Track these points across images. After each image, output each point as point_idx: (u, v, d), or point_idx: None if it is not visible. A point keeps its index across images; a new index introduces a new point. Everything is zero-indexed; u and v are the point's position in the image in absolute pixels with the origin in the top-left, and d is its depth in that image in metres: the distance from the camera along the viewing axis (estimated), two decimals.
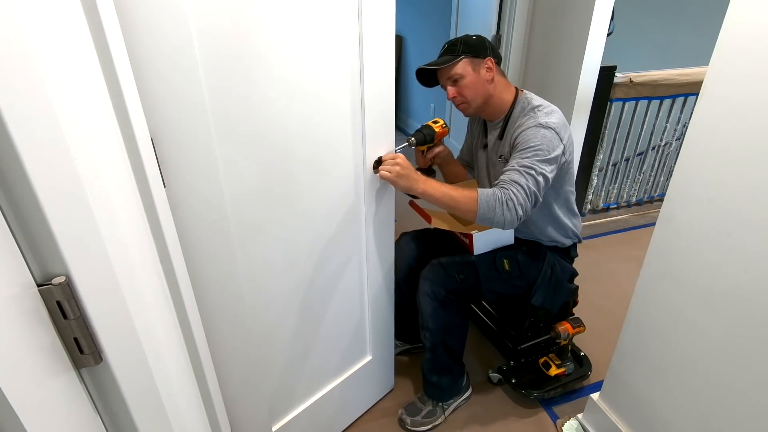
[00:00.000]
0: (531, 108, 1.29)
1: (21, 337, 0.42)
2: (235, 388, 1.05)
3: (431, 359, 1.47)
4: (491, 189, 1.18)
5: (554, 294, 1.45)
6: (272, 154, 0.92)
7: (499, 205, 1.15)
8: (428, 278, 1.39)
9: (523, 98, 1.34)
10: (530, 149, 1.19)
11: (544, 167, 1.18)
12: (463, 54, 1.29)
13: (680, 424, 1.13)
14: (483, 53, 1.30)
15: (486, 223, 1.19)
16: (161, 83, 0.69)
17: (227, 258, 0.91)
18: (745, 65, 0.84)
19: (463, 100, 1.34)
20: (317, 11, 0.88)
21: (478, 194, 1.16)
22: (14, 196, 0.41)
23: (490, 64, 1.31)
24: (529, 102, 1.32)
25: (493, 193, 1.16)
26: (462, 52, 1.29)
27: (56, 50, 0.44)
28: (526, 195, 1.16)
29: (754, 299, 0.89)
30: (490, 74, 1.31)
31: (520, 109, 1.32)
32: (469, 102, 1.34)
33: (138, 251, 0.60)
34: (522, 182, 1.16)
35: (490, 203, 1.15)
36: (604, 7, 1.97)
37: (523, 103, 1.33)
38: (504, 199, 1.15)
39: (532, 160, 1.18)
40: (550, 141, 1.20)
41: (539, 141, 1.19)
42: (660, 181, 2.90)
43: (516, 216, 1.15)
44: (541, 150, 1.19)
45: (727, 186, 0.91)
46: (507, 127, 1.34)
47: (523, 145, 1.21)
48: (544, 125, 1.22)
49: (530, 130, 1.22)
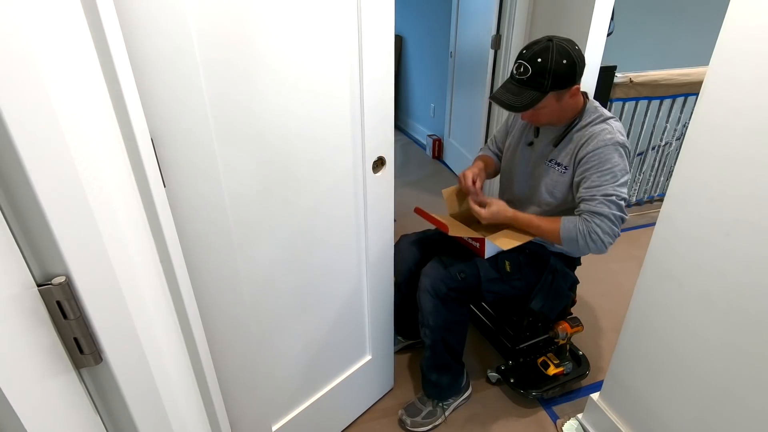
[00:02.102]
0: (603, 119, 1.24)
1: (21, 337, 0.42)
2: (235, 388, 1.05)
3: (431, 357, 1.47)
4: (574, 220, 1.21)
5: (553, 300, 1.44)
6: (272, 153, 0.92)
7: (582, 238, 1.19)
8: (429, 275, 1.39)
9: (591, 106, 1.28)
10: (609, 173, 1.18)
11: (622, 190, 1.19)
12: (552, 90, 1.17)
13: (679, 423, 1.13)
14: (573, 83, 1.19)
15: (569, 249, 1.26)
16: (161, 83, 0.69)
17: (227, 258, 0.91)
18: (745, 66, 0.84)
19: (536, 122, 1.32)
20: (317, 11, 0.88)
21: (560, 228, 1.21)
22: (14, 196, 0.41)
23: (575, 91, 1.21)
24: (599, 112, 1.26)
25: (575, 226, 1.20)
26: (551, 87, 1.16)
27: (56, 50, 0.44)
28: (611, 223, 1.18)
29: (754, 300, 0.89)
30: (572, 101, 1.24)
31: (589, 119, 1.26)
32: (542, 123, 1.32)
33: (138, 251, 0.60)
34: (605, 212, 1.17)
35: (571, 236, 1.21)
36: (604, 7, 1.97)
37: (591, 112, 1.27)
38: (586, 231, 1.18)
39: (613, 186, 1.18)
40: (625, 162, 1.20)
41: (617, 162, 1.18)
42: (660, 181, 2.90)
43: (604, 245, 1.19)
44: (620, 172, 1.19)
45: (727, 186, 0.91)
46: (568, 134, 1.28)
47: (601, 166, 1.19)
48: (621, 144, 1.20)
49: (608, 149, 1.19)
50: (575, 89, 1.21)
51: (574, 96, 1.23)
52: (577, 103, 1.28)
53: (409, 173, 3.49)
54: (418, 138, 4.12)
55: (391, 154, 1.19)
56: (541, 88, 1.17)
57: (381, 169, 1.17)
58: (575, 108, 1.28)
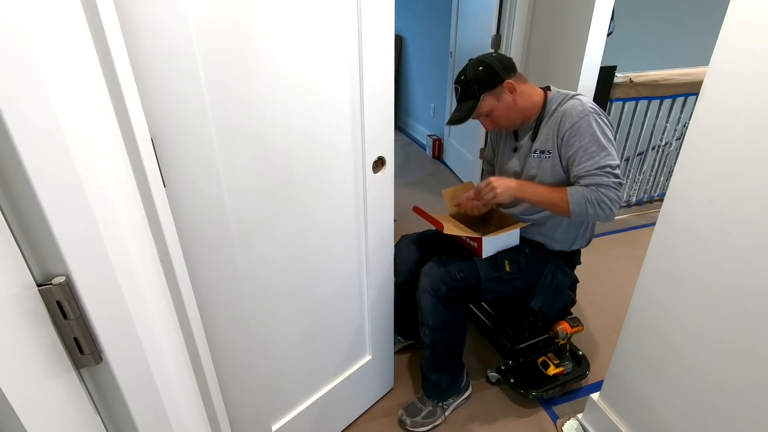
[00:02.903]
0: (569, 96, 1.30)
1: (21, 337, 0.42)
2: (235, 388, 1.05)
3: (430, 356, 1.47)
4: (580, 190, 1.23)
5: (553, 299, 1.45)
6: (272, 153, 0.92)
7: (591, 206, 1.22)
8: (429, 275, 1.39)
9: (553, 94, 1.35)
10: (594, 144, 1.22)
11: (613, 157, 1.22)
12: (481, 93, 1.30)
13: (679, 423, 1.13)
14: (497, 80, 1.29)
15: (579, 218, 1.26)
16: (161, 83, 0.69)
17: (227, 257, 0.91)
18: (745, 65, 0.84)
19: (500, 127, 1.39)
20: (316, 11, 0.88)
21: (568, 197, 1.23)
22: (14, 196, 0.41)
23: (509, 85, 1.30)
24: (562, 94, 1.33)
25: (582, 195, 1.22)
26: (480, 91, 1.30)
27: (56, 50, 0.44)
28: (615, 190, 1.21)
29: (754, 299, 0.89)
30: (513, 95, 1.31)
31: (556, 103, 1.32)
32: (507, 126, 1.38)
33: (138, 251, 0.60)
34: (606, 182, 1.21)
35: (581, 205, 1.23)
36: (604, 7, 1.97)
37: (555, 97, 1.33)
38: (595, 200, 1.21)
39: (603, 157, 1.21)
40: (604, 128, 1.24)
41: (595, 131, 1.22)
42: (660, 181, 2.90)
43: (612, 212, 1.22)
44: (604, 139, 1.22)
45: (727, 186, 0.91)
46: (542, 124, 1.34)
47: (584, 140, 1.23)
48: (595, 111, 1.24)
49: (584, 120, 1.23)
50: (508, 84, 1.29)
51: (513, 91, 1.30)
52: (532, 95, 1.34)
53: (409, 173, 3.49)
54: (418, 138, 4.12)
55: (391, 154, 1.19)
56: (472, 95, 1.31)
57: (381, 169, 1.17)
58: (531, 100, 1.34)
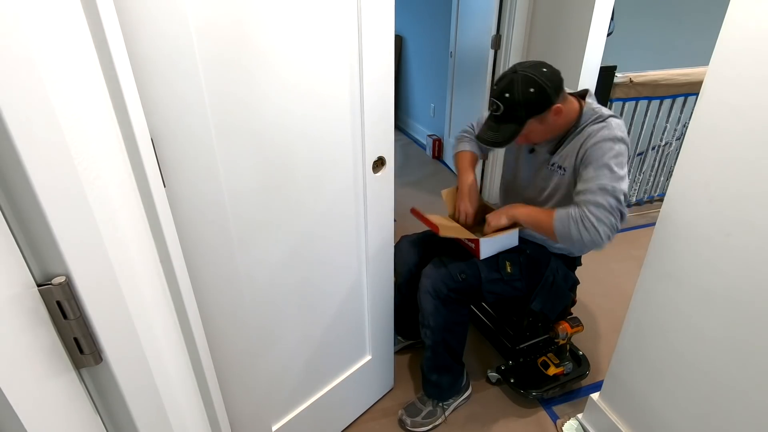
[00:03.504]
0: (603, 117, 1.24)
1: (21, 337, 0.42)
2: (235, 388, 1.05)
3: (431, 357, 1.47)
4: (567, 209, 1.19)
5: (554, 301, 1.44)
6: (272, 153, 0.92)
7: (574, 224, 1.15)
8: (430, 276, 1.39)
9: (588, 110, 1.27)
10: (605, 166, 1.16)
11: (621, 183, 1.15)
12: (529, 117, 1.19)
13: (680, 423, 1.13)
14: (548, 105, 1.19)
15: (566, 243, 1.21)
16: (161, 83, 0.69)
17: (227, 257, 0.91)
18: (745, 66, 0.84)
19: (530, 141, 1.33)
20: (316, 11, 0.88)
21: (554, 216, 1.19)
22: (14, 196, 0.41)
23: (558, 109, 1.20)
24: (596, 112, 1.26)
25: (567, 213, 1.18)
26: (527, 116, 1.19)
27: (56, 50, 0.44)
28: (607, 212, 1.13)
29: (754, 299, 0.89)
30: (558, 116, 1.23)
31: (587, 121, 1.26)
32: (540, 141, 1.33)
33: (138, 251, 0.60)
34: (599, 201, 1.14)
35: (563, 221, 1.17)
36: (604, 7, 1.97)
37: (588, 114, 1.26)
38: (578, 217, 1.15)
39: (609, 178, 1.15)
40: (623, 157, 1.18)
41: (613, 155, 1.16)
42: (660, 181, 2.90)
43: (599, 234, 1.13)
44: (616, 165, 1.16)
45: (727, 186, 0.91)
46: (568, 138, 1.28)
47: (597, 161, 1.17)
48: (620, 139, 1.18)
49: (605, 143, 1.18)
50: (556, 108, 1.20)
51: (557, 113, 1.22)
52: (570, 111, 1.26)
53: (409, 173, 3.49)
54: (418, 138, 4.12)
55: (391, 154, 1.19)
56: (518, 120, 1.20)
57: (381, 169, 1.17)
58: (568, 117, 1.27)
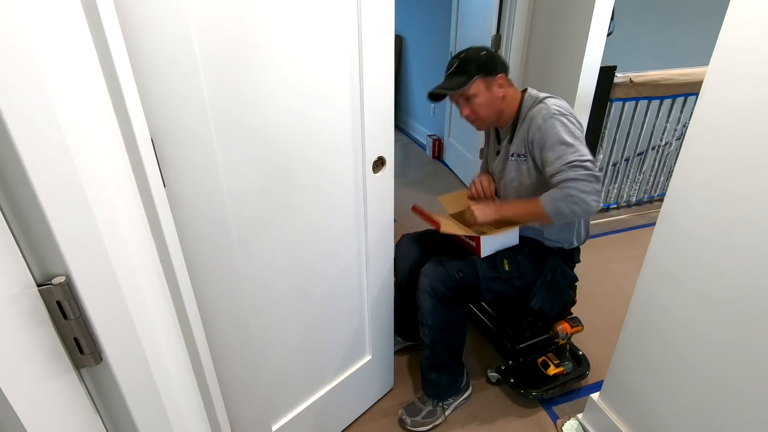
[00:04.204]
0: (539, 100, 1.31)
1: (21, 337, 0.41)
2: (235, 388, 1.05)
3: (430, 356, 1.47)
4: (550, 192, 1.23)
5: (553, 298, 1.45)
6: (272, 153, 0.92)
7: (564, 204, 1.19)
8: (428, 275, 1.39)
9: (528, 96, 1.36)
10: (559, 143, 1.22)
11: (582, 152, 1.21)
12: (477, 74, 1.30)
13: (680, 423, 1.13)
14: (494, 70, 1.31)
15: (562, 220, 1.25)
16: (161, 82, 0.69)
17: (227, 258, 0.91)
18: (745, 65, 0.84)
19: (476, 118, 1.37)
20: (316, 11, 0.88)
21: (542, 203, 1.23)
22: (14, 196, 0.41)
23: (501, 80, 1.32)
24: (534, 97, 1.34)
25: (550, 196, 1.22)
26: (475, 72, 1.30)
27: (56, 50, 0.44)
28: (585, 181, 1.18)
29: (754, 299, 0.89)
30: (501, 90, 1.33)
31: (527, 107, 1.34)
32: (483, 119, 1.37)
33: (138, 251, 0.60)
34: (573, 175, 1.19)
35: (552, 206, 1.21)
36: (604, 7, 1.97)
37: (528, 100, 1.35)
38: (563, 197, 1.19)
39: (570, 153, 1.21)
40: (569, 126, 1.24)
41: (560, 130, 1.23)
42: (660, 181, 2.90)
43: (588, 203, 1.18)
44: (569, 137, 1.22)
45: (727, 186, 0.91)
46: (517, 127, 1.36)
47: (549, 141, 1.23)
48: (558, 113, 1.25)
49: (547, 124, 1.24)
50: (500, 78, 1.32)
51: (501, 86, 1.33)
52: (513, 97, 1.36)
53: (409, 173, 3.49)
54: (418, 138, 4.12)
55: (391, 154, 1.19)
56: (468, 73, 1.31)
57: (381, 169, 1.17)
58: (510, 105, 1.36)
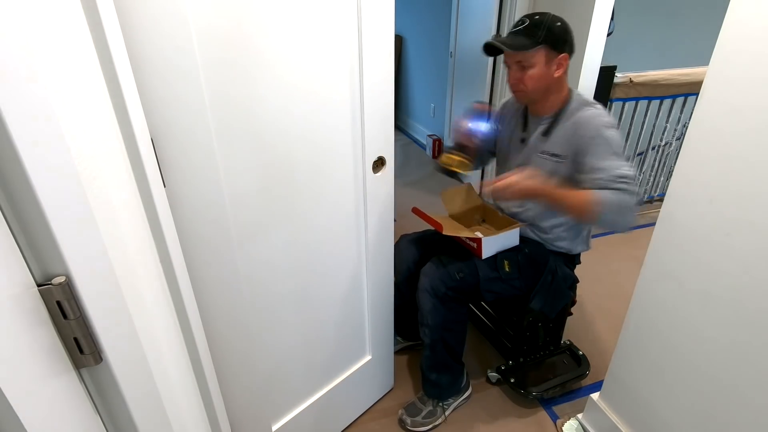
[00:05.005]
0: (591, 104, 1.28)
1: (21, 337, 0.42)
2: (235, 388, 1.05)
3: (430, 356, 1.47)
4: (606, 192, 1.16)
5: (553, 299, 1.45)
6: (272, 154, 0.92)
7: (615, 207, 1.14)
8: (428, 275, 1.39)
9: (576, 95, 1.32)
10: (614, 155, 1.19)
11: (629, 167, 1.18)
12: (544, 43, 1.21)
13: (680, 423, 1.13)
14: (561, 47, 1.23)
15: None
16: (161, 83, 0.69)
17: (227, 258, 0.92)
18: (745, 66, 0.84)
19: (523, 89, 1.28)
20: (316, 12, 0.88)
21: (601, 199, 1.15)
22: (14, 196, 0.41)
23: (564, 60, 1.25)
24: (585, 99, 1.29)
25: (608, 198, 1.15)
26: (543, 40, 1.21)
27: (56, 50, 0.44)
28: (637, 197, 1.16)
29: (754, 299, 0.89)
30: (559, 71, 1.26)
31: (577, 106, 1.29)
32: (529, 93, 1.29)
33: (138, 251, 0.60)
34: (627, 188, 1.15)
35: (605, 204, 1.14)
36: (604, 7, 1.97)
37: (577, 99, 1.30)
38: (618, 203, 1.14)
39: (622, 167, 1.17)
40: (619, 143, 1.21)
41: (617, 143, 1.20)
42: (660, 181, 2.90)
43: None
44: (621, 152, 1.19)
45: (727, 186, 0.91)
46: (556, 124, 1.31)
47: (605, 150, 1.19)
48: (613, 125, 1.22)
49: (610, 131, 1.21)
50: (563, 58, 1.24)
51: (560, 68, 1.25)
52: (564, 86, 1.31)
53: (409, 173, 3.49)
54: (418, 138, 4.12)
55: (391, 154, 1.19)
56: (534, 38, 1.22)
57: (381, 169, 1.17)
58: (560, 92, 1.31)
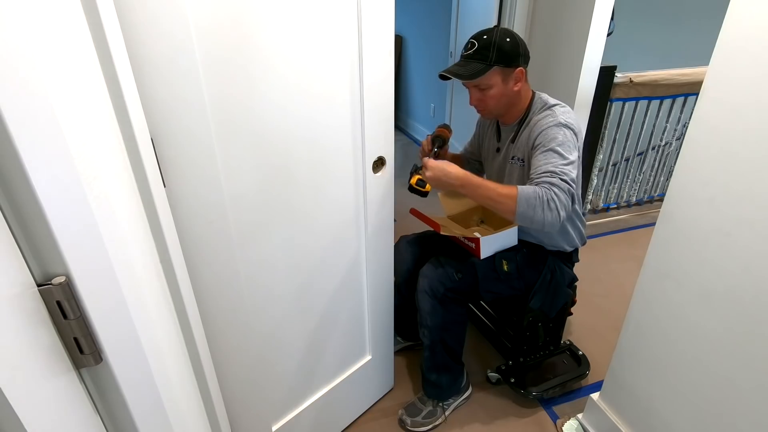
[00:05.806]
0: (548, 106, 1.29)
1: (21, 337, 0.42)
2: (235, 388, 1.05)
3: (430, 357, 1.47)
4: (532, 187, 1.15)
5: (552, 298, 1.45)
6: (272, 153, 0.92)
7: (540, 205, 1.12)
8: (427, 276, 1.39)
9: (538, 99, 1.33)
10: (554, 152, 1.17)
11: (570, 169, 1.16)
12: (496, 63, 1.22)
13: (680, 423, 1.13)
14: (515, 62, 1.23)
15: (525, 222, 1.17)
16: (161, 83, 0.69)
17: (227, 258, 0.91)
18: (745, 66, 0.84)
19: (485, 108, 1.32)
20: (316, 12, 0.88)
21: (517, 192, 1.13)
22: (14, 196, 0.41)
23: (520, 74, 1.26)
24: (544, 102, 1.31)
25: (534, 191, 1.13)
26: (495, 60, 1.21)
27: (56, 50, 0.44)
28: (566, 195, 1.14)
29: (754, 299, 0.89)
30: (518, 85, 1.27)
31: (536, 110, 1.31)
32: (492, 111, 1.33)
33: (138, 251, 0.60)
34: (560, 184, 1.13)
35: (530, 202, 1.12)
36: (604, 7, 1.96)
37: (537, 103, 1.32)
38: (546, 198, 1.12)
39: (561, 165, 1.16)
40: (569, 140, 1.20)
41: (560, 141, 1.18)
42: (660, 181, 2.90)
43: (558, 217, 1.13)
44: (564, 150, 1.18)
45: (727, 186, 0.91)
46: (521, 129, 1.33)
47: (546, 146, 1.19)
48: (564, 124, 1.21)
49: (552, 129, 1.20)
50: (519, 72, 1.25)
51: (518, 81, 1.27)
52: (525, 94, 1.32)
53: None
54: (418, 138, 4.12)
55: (391, 154, 1.19)
56: (486, 60, 1.22)
57: (381, 170, 1.17)
58: (523, 99, 1.32)
